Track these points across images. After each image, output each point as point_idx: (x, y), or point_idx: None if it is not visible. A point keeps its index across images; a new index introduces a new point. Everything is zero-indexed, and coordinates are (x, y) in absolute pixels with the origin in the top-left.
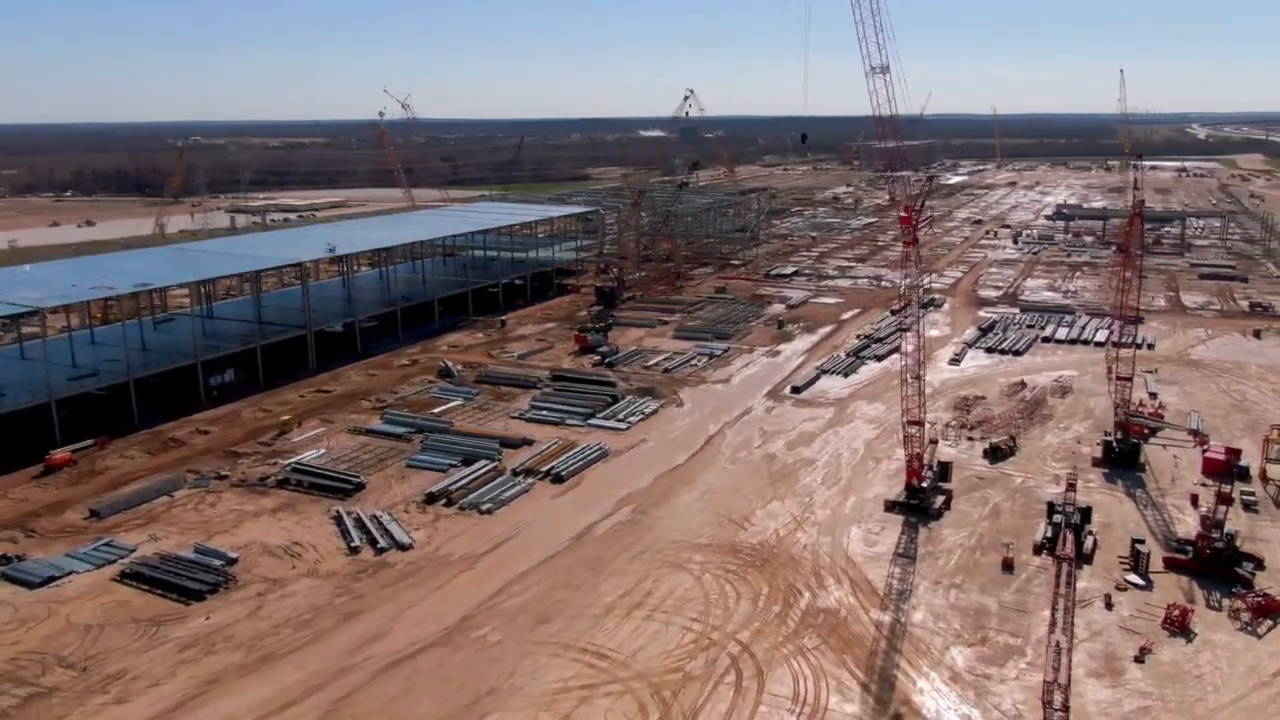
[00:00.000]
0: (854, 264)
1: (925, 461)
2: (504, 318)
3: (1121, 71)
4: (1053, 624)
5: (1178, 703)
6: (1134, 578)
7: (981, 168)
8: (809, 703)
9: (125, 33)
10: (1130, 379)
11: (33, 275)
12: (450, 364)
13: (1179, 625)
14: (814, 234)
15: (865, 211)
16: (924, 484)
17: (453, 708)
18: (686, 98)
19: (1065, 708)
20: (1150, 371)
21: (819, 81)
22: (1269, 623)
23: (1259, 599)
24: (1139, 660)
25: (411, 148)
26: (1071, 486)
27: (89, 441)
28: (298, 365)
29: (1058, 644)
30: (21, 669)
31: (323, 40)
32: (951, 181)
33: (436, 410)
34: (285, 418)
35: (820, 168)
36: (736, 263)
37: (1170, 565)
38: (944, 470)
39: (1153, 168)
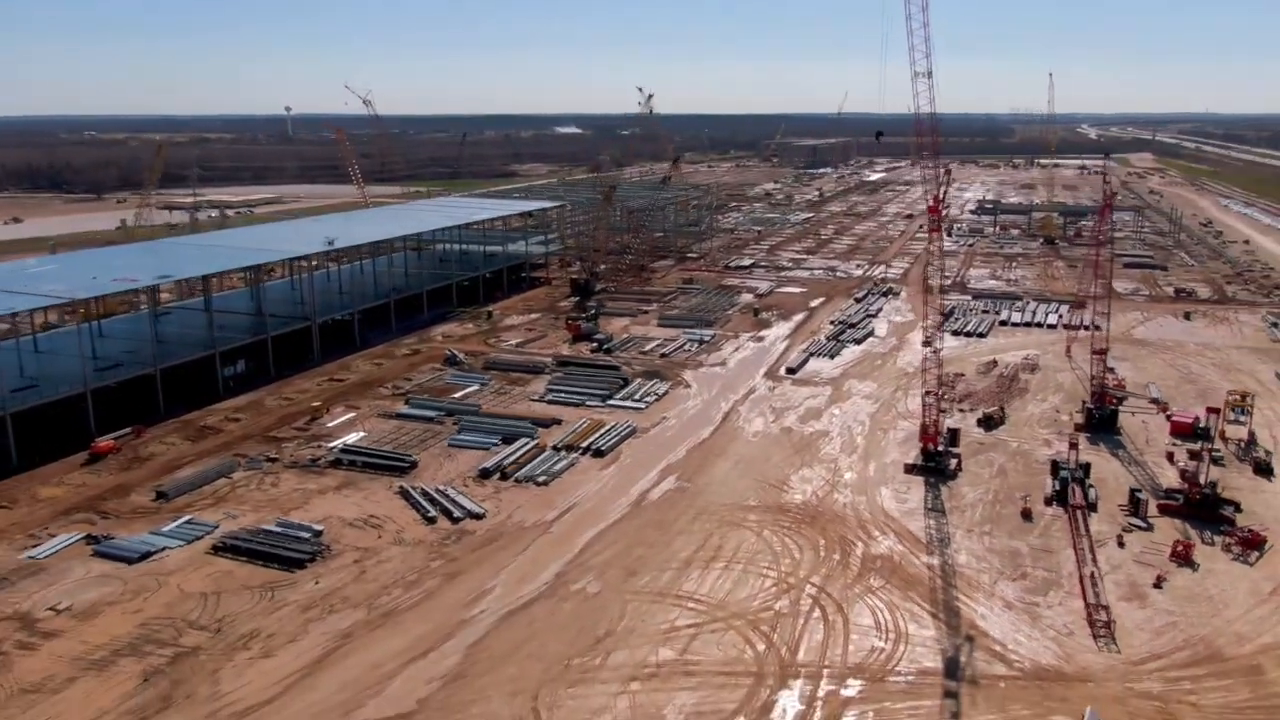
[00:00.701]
0: (805, 256)
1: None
2: (490, 309)
3: (1050, 75)
4: (1080, 559)
5: (1197, 617)
6: (1136, 521)
7: (897, 165)
8: (891, 630)
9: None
10: (1105, 353)
11: (41, 270)
12: (456, 352)
13: (1184, 558)
14: (758, 229)
15: (799, 207)
16: (939, 448)
17: (579, 647)
18: (650, 96)
19: (1108, 623)
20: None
21: (733, 82)
22: (1255, 553)
23: (1245, 534)
24: (1157, 586)
25: (377, 143)
26: (1074, 446)
27: (126, 430)
28: (301, 356)
29: (1091, 574)
30: (156, 633)
31: (224, 34)
32: (872, 179)
33: (457, 395)
34: (316, 404)
35: (742, 165)
36: (692, 256)
37: (1164, 510)
38: (954, 436)
39: (1055, 165)
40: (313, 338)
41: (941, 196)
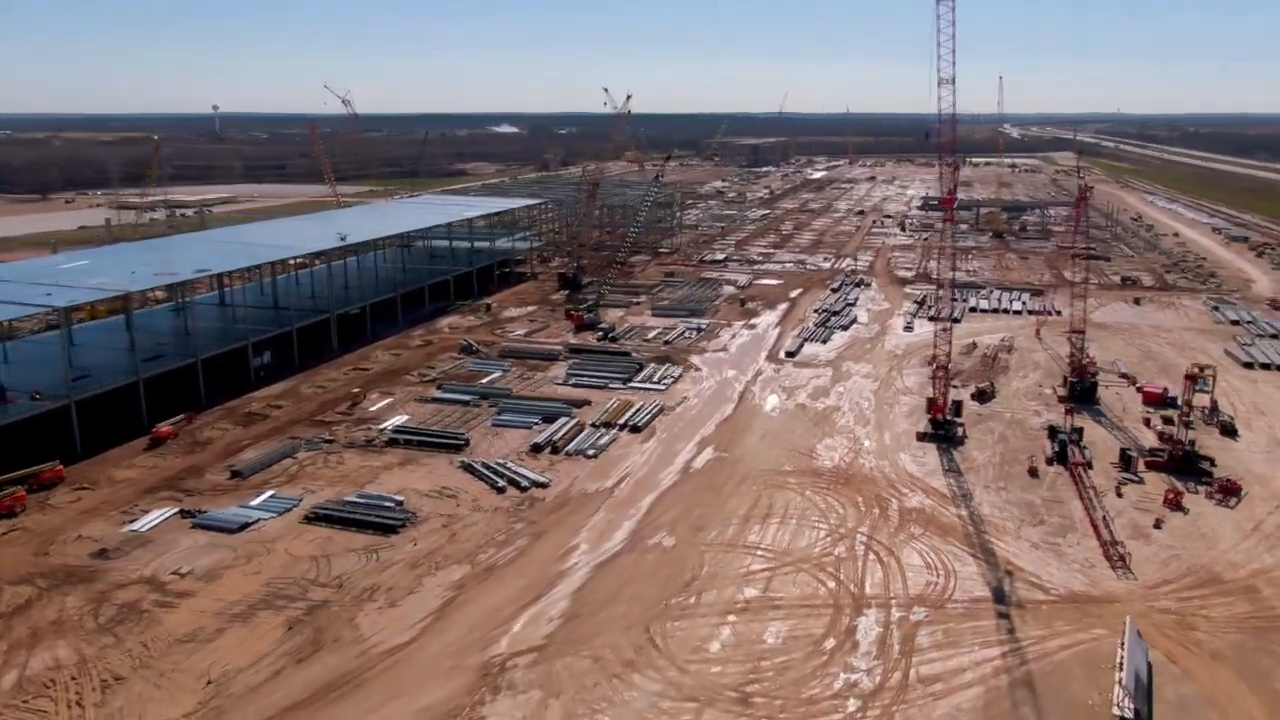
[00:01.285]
0: (772, 250)
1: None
2: (488, 301)
3: (1000, 78)
4: (1088, 507)
5: (1196, 550)
6: (1129, 475)
7: (835, 163)
8: (940, 568)
9: None
10: (1083, 332)
11: (75, 267)
12: (472, 341)
13: (1175, 504)
14: (720, 225)
15: (753, 204)
16: (947, 418)
17: (671, 590)
18: (629, 97)
19: (1124, 556)
20: (1067, 332)
21: (667, 82)
22: (1234, 499)
23: (1224, 483)
24: (1157, 527)
25: (355, 144)
26: (1070, 412)
27: (179, 416)
28: (320, 347)
29: (1103, 516)
30: (282, 590)
31: (135, 31)
32: (815, 177)
33: (483, 381)
34: (355, 390)
35: (685, 164)
36: (664, 251)
37: (1151, 466)
38: (958, 407)
39: (986, 164)
40: (331, 330)
41: (954, 189)
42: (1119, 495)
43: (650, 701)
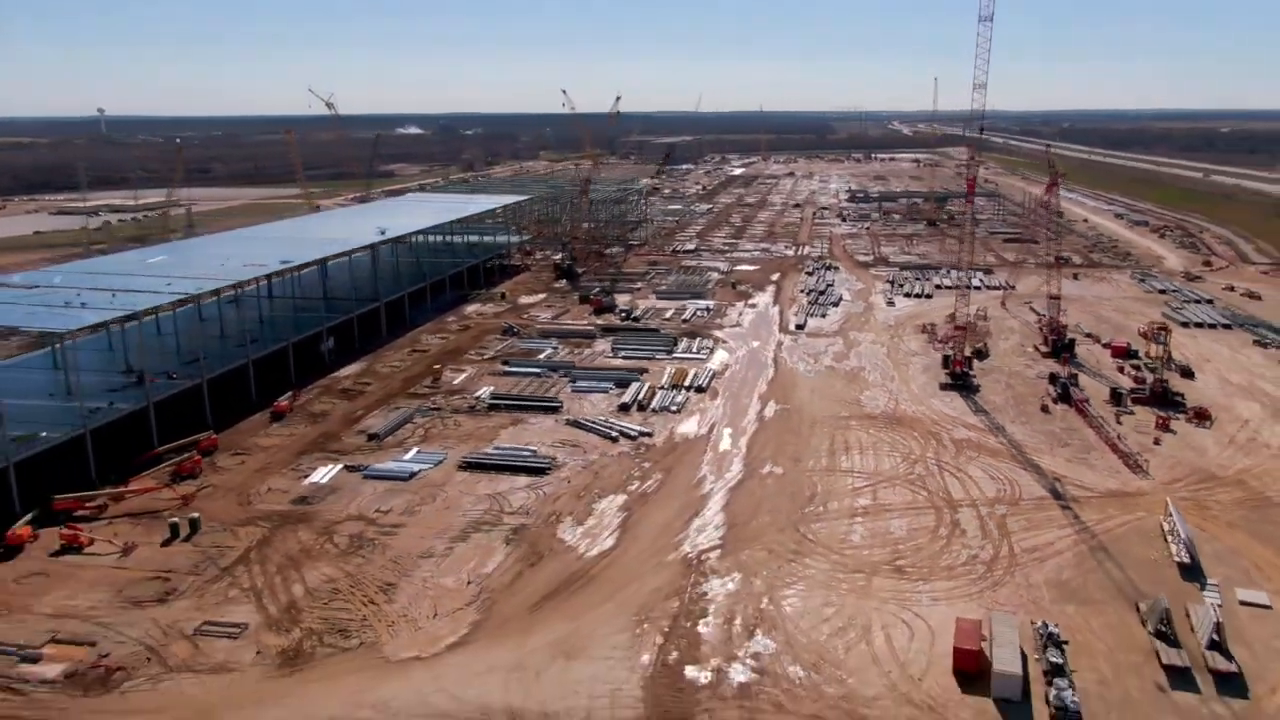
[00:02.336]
0: (735, 241)
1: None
2: (501, 290)
3: (936, 80)
4: (1099, 432)
5: (1191, 458)
6: (1121, 408)
7: (750, 160)
8: (1004, 479)
9: None
10: (1059, 298)
11: (158, 262)
12: (514, 324)
13: (1165, 427)
14: (674, 219)
15: (692, 200)
16: (964, 370)
17: (800, 503)
18: (618, 98)
19: (1141, 464)
20: (1027, 303)
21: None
22: (1208, 422)
23: (1198, 410)
24: (1157, 443)
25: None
26: (1066, 361)
27: (287, 394)
28: (372, 333)
29: (1119, 435)
30: (480, 518)
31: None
32: (737, 173)
33: (540, 356)
34: (435, 366)
35: (603, 162)
36: (634, 243)
37: (1136, 400)
38: (970, 361)
39: (892, 159)
40: (381, 317)
41: (973, 178)
42: (1119, 423)
43: (828, 575)
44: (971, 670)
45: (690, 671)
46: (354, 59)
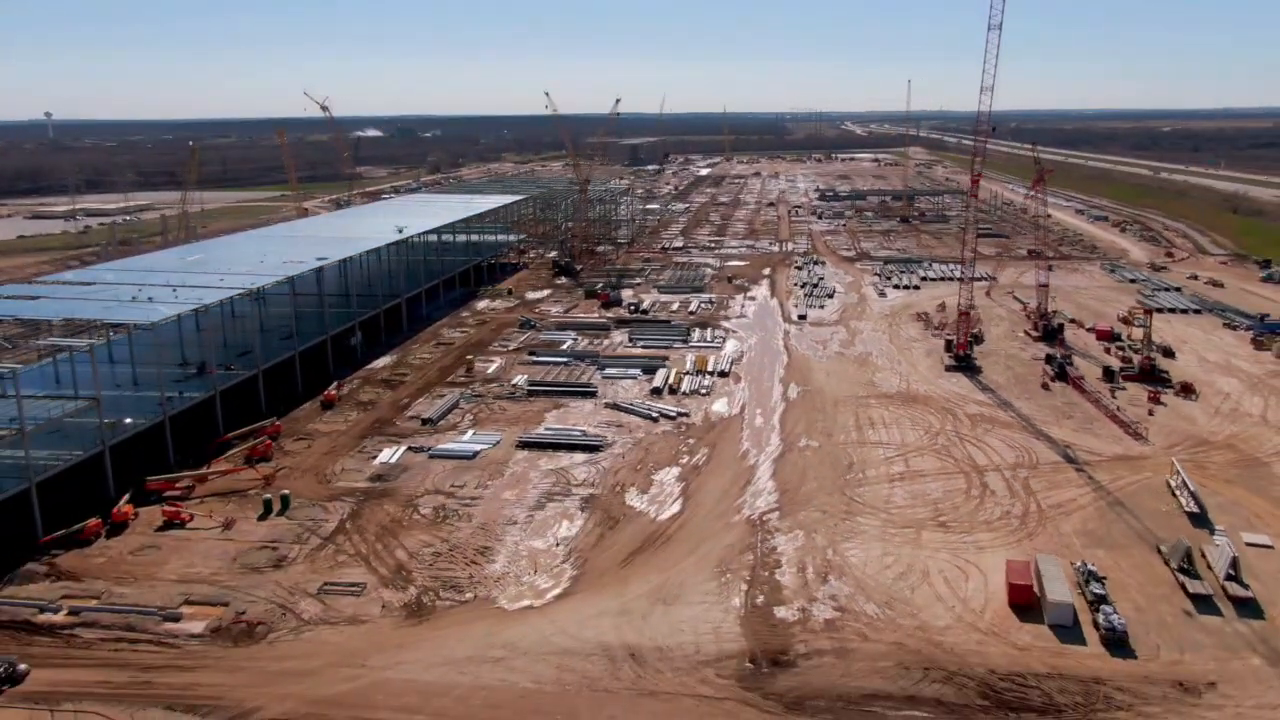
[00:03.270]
0: (719, 238)
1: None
2: (509, 287)
3: (909, 81)
4: (1098, 405)
5: (1184, 426)
6: (1114, 385)
7: (714, 161)
8: (1020, 447)
9: None
10: (1048, 286)
11: (199, 259)
12: (531, 318)
13: (1156, 400)
14: (655, 218)
15: (666, 199)
16: (968, 353)
17: (840, 471)
18: (617, 101)
19: (1139, 433)
20: (1010, 292)
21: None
22: (1193, 396)
23: (1184, 384)
24: (1151, 414)
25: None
26: (1061, 343)
27: (333, 384)
28: (394, 328)
29: (1118, 407)
30: (550, 490)
31: None
32: (704, 174)
33: (563, 346)
34: (469, 357)
35: (569, 163)
36: (621, 241)
37: (1126, 378)
38: (971, 345)
39: (851, 159)
40: (402, 312)
41: (979, 174)
42: (1114, 397)
43: (880, 530)
44: (1025, 603)
45: (780, 612)
46: (305, 61)
